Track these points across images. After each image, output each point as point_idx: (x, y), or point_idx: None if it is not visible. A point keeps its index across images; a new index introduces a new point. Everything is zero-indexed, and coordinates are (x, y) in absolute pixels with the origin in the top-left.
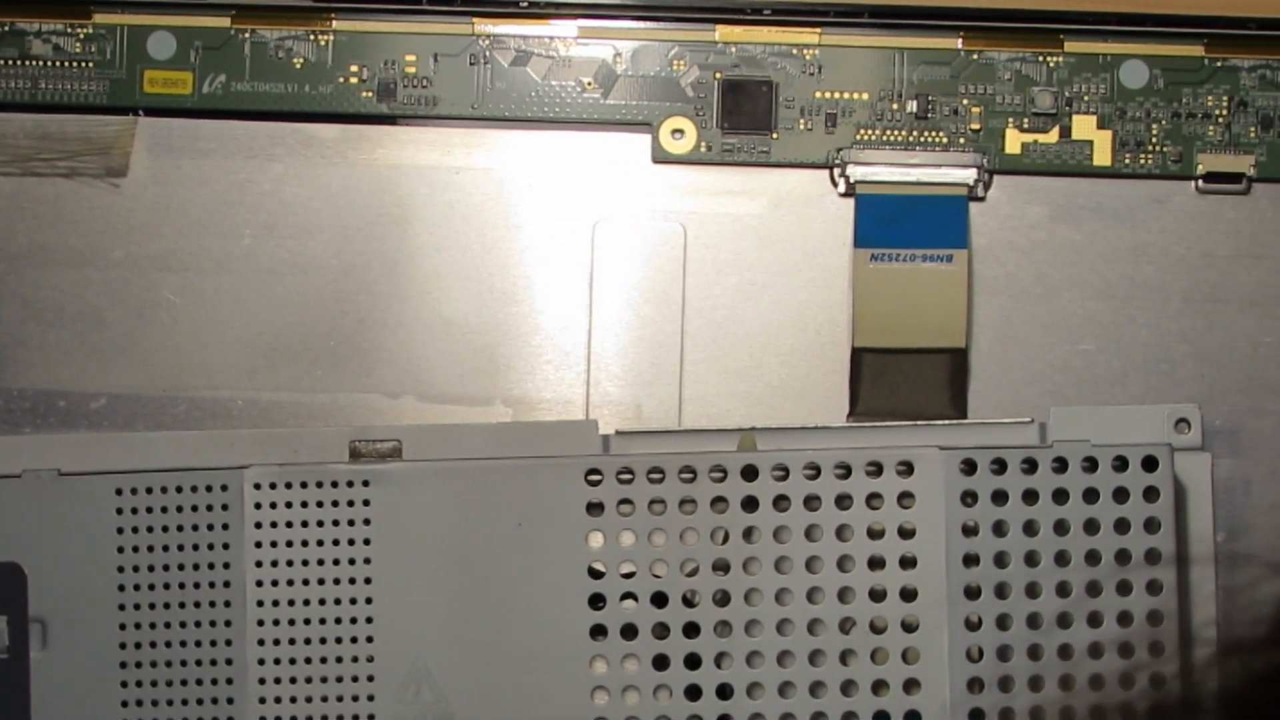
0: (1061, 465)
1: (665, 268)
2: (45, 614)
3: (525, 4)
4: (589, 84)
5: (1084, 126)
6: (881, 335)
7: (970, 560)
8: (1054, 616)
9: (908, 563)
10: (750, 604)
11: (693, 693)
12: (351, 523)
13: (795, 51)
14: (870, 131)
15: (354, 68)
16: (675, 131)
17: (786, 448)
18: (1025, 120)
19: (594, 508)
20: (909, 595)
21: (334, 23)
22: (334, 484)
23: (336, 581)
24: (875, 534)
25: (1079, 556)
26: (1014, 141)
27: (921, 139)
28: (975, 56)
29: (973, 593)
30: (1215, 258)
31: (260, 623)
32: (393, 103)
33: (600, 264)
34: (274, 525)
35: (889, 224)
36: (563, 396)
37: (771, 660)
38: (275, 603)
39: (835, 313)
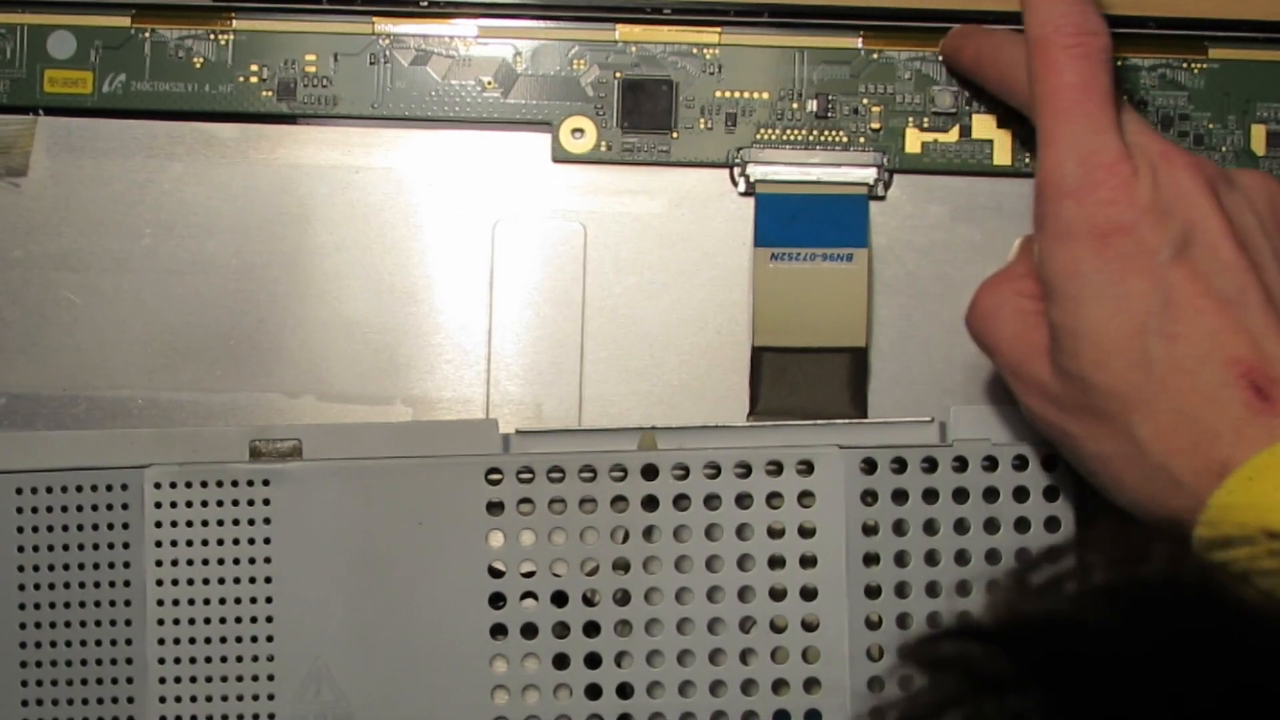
0: (962, 464)
1: (565, 267)
2: None
3: (425, 3)
4: (489, 83)
5: (984, 126)
6: (782, 334)
7: (870, 559)
8: (954, 615)
9: (808, 562)
10: (650, 603)
11: (593, 692)
12: (252, 522)
13: (695, 51)
14: (770, 131)
15: (254, 67)
16: (575, 131)
17: (687, 447)
18: (925, 119)
19: (494, 507)
20: (809, 594)
21: (234, 22)
22: (234, 483)
23: (237, 581)
24: (775, 533)
25: (979, 556)
26: (914, 141)
27: (822, 138)
28: (875, 56)
29: (873, 592)
30: None
31: (161, 622)
32: (293, 102)
33: (500, 263)
34: (174, 525)
35: (789, 223)
36: (463, 396)
37: (672, 659)
38: (175, 602)
39: (735, 312)
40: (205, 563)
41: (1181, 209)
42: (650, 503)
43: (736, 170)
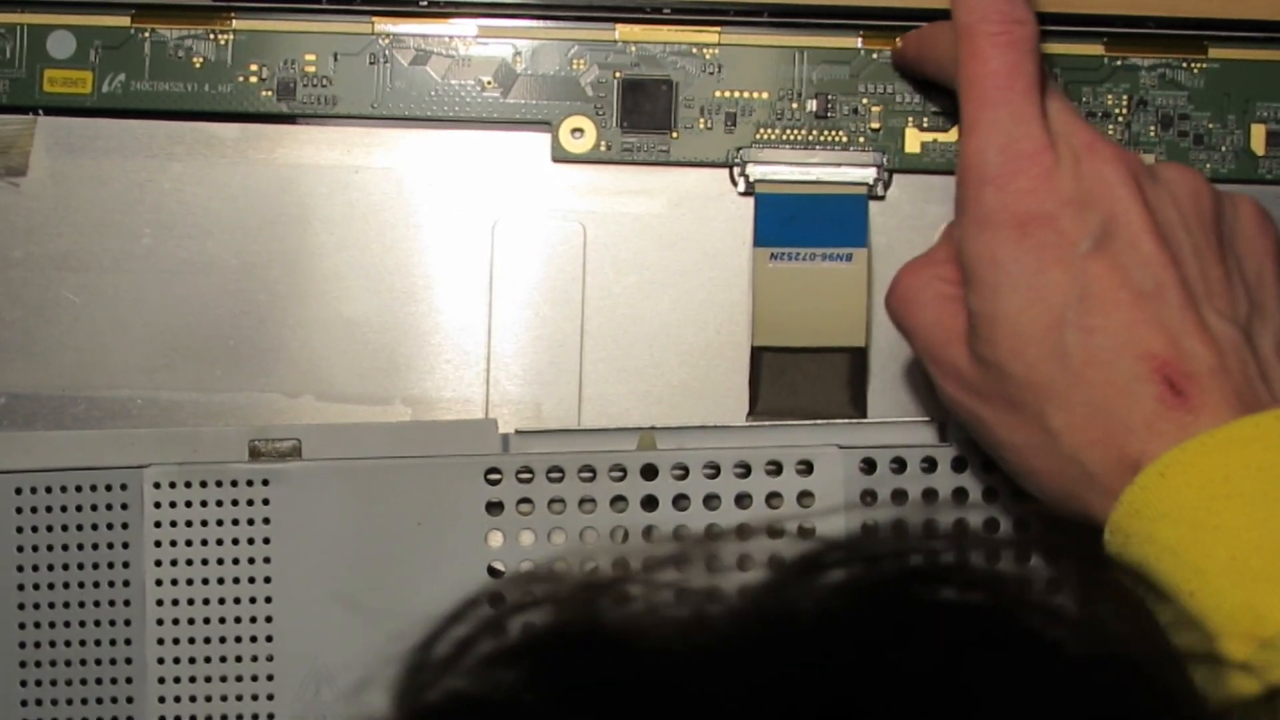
0: (961, 464)
1: (565, 267)
2: None
3: (425, 3)
4: (489, 83)
5: None
6: (781, 334)
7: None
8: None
9: None
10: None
11: None
12: (251, 522)
13: (695, 51)
14: (770, 131)
15: (253, 67)
16: (575, 131)
17: (686, 447)
18: (925, 119)
19: (493, 507)
20: None
21: (233, 22)
22: (233, 483)
23: (236, 581)
24: (775, 533)
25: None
26: (914, 140)
27: (821, 138)
28: (875, 56)
29: None
30: None
31: (160, 622)
32: (292, 102)
33: (500, 263)
34: (173, 524)
35: (789, 223)
36: (462, 396)
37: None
38: (175, 602)
39: (735, 312)
40: (205, 563)
41: (1103, 201)
42: (650, 503)
43: (736, 170)
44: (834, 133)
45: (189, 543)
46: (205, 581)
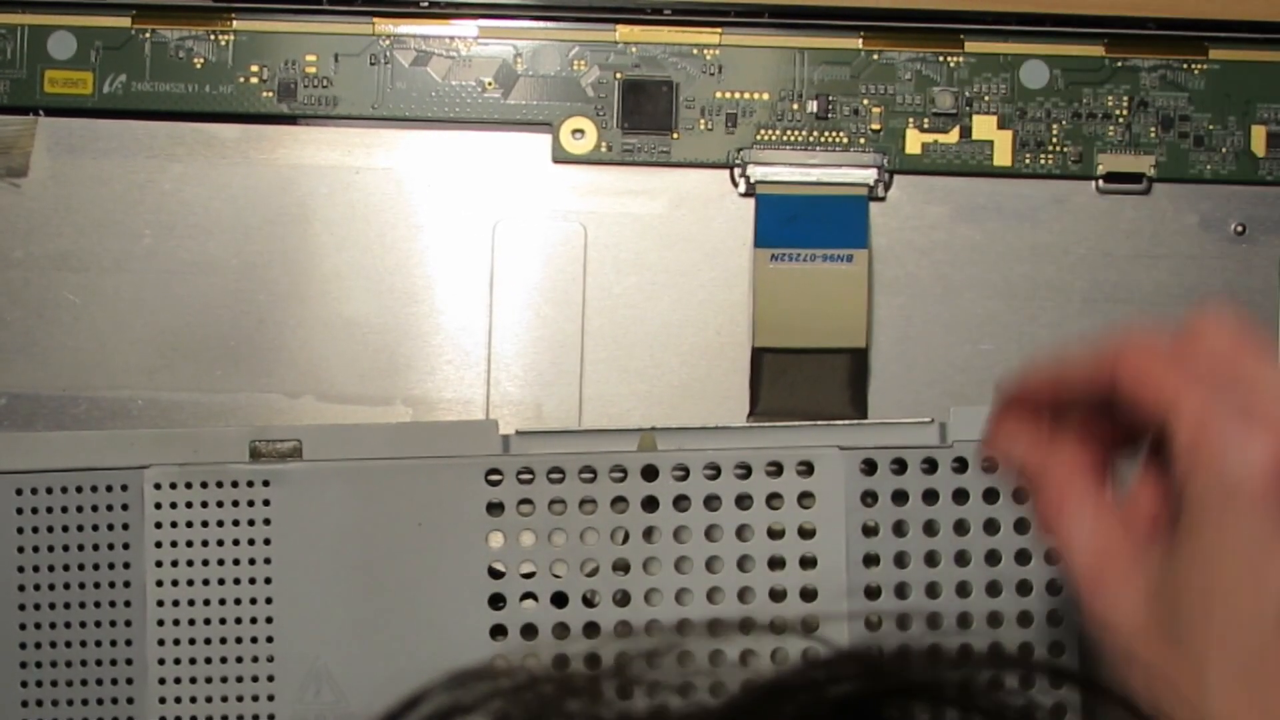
0: (961, 465)
1: (566, 268)
2: None
3: (426, 4)
4: (489, 84)
5: (984, 126)
6: (782, 335)
7: (870, 560)
8: (954, 617)
9: (808, 563)
10: (650, 604)
11: None
12: (252, 522)
13: (696, 51)
14: (771, 132)
15: (254, 68)
16: (576, 131)
17: (687, 448)
18: (925, 120)
19: (494, 508)
20: (809, 595)
21: (234, 23)
22: (234, 484)
23: (237, 581)
24: (775, 534)
25: (979, 556)
26: (914, 141)
27: (822, 139)
28: (875, 57)
29: (873, 593)
30: (1115, 257)
31: (160, 622)
32: (293, 103)
33: (500, 264)
34: (174, 525)
35: (789, 224)
36: (463, 396)
37: (671, 660)
38: (175, 602)
39: (736, 313)
40: (205, 563)
41: None
42: (650, 503)
43: (737, 171)
44: (834, 134)
45: (189, 543)
46: (206, 582)
